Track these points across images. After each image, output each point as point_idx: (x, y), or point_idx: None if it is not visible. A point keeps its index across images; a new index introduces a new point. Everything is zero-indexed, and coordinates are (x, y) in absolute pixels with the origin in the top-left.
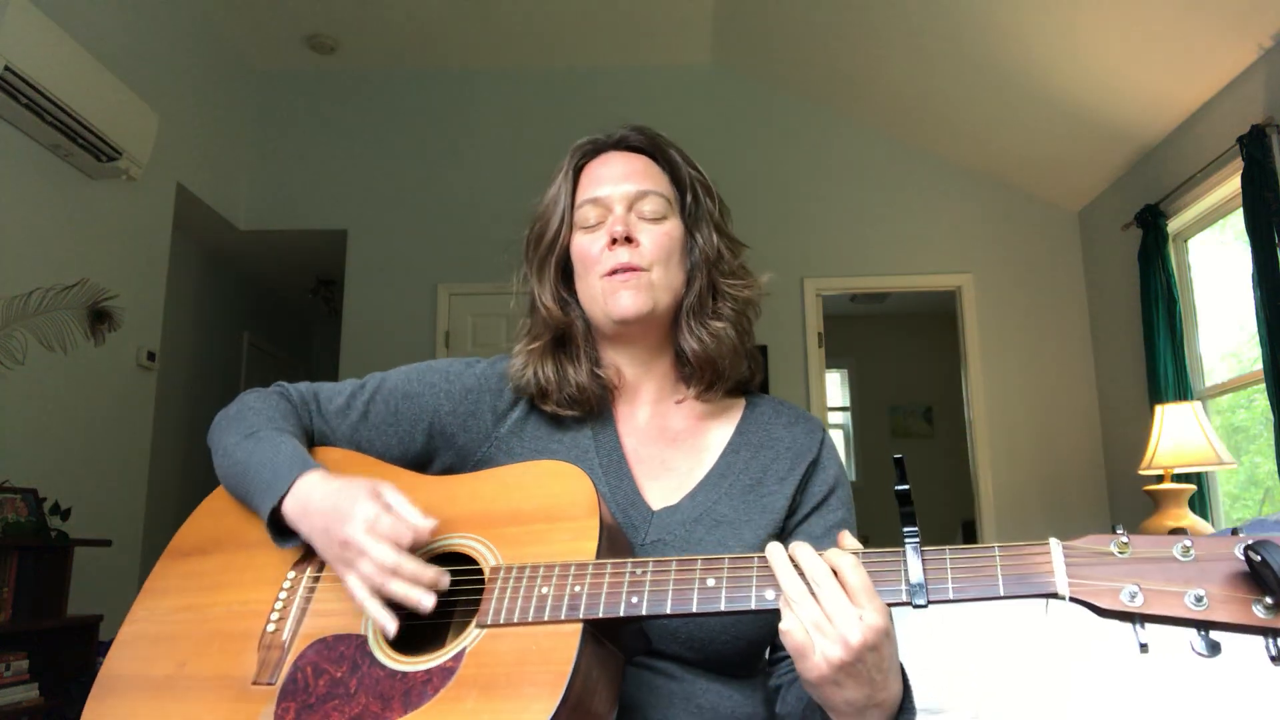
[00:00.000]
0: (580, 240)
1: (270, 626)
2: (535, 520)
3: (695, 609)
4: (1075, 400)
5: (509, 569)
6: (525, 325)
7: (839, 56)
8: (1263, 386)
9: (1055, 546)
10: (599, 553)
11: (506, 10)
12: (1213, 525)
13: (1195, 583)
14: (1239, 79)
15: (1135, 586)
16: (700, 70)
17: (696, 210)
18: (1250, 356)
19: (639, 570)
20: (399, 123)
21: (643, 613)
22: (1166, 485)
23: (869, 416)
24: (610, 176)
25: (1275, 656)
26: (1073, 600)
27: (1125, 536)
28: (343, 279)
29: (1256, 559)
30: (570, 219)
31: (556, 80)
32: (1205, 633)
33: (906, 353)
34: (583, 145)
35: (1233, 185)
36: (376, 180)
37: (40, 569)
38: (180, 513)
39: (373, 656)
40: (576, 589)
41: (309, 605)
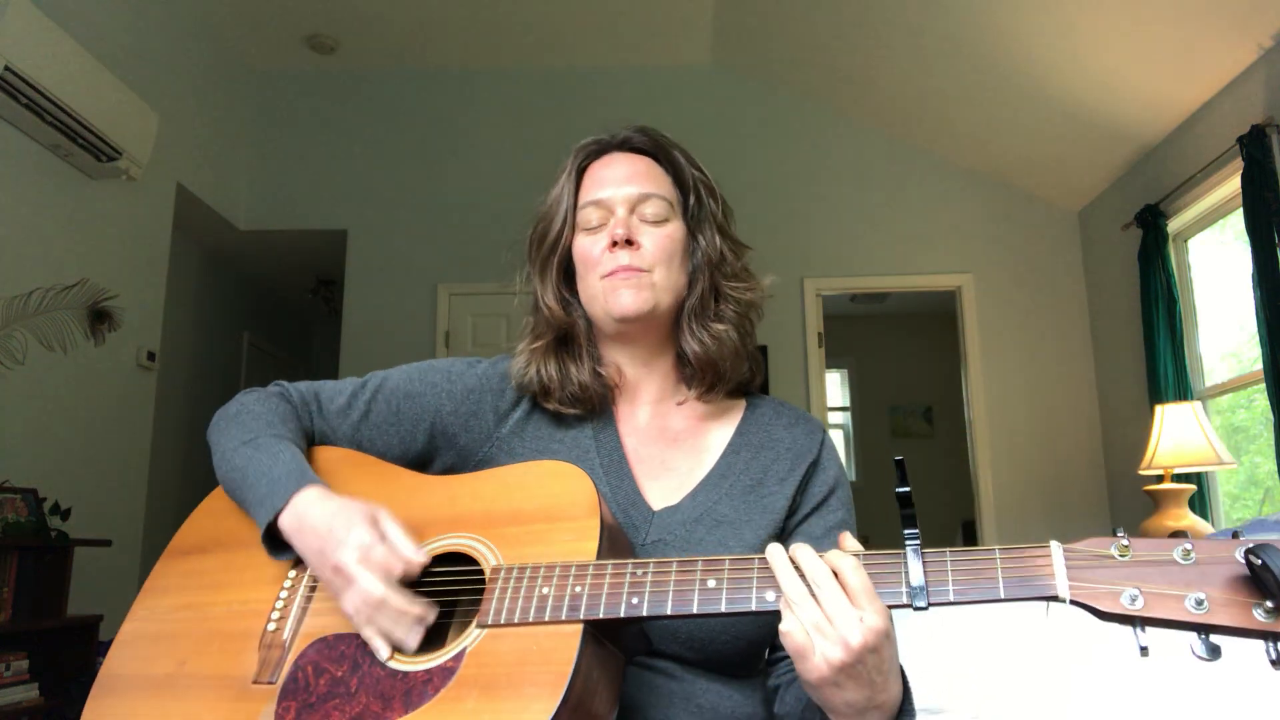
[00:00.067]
0: (582, 241)
1: (271, 625)
2: (536, 520)
3: (696, 610)
4: (1075, 400)
5: (510, 569)
6: (528, 324)
7: (839, 56)
8: (1263, 386)
9: (1056, 549)
10: (600, 553)
11: (506, 10)
12: (1213, 525)
13: (1196, 586)
14: (1239, 79)
15: (1136, 590)
16: (700, 70)
17: (699, 212)
18: (1250, 356)
19: (639, 571)
20: (399, 123)
21: (643, 613)
22: (1166, 485)
23: (869, 416)
24: (613, 178)
25: (1275, 660)
26: (1073, 603)
27: (1126, 539)
28: (343, 279)
29: (1257, 563)
30: (572, 220)
31: (556, 80)
32: (1206, 636)
33: (906, 353)
34: (586, 145)
35: (1233, 185)
36: (376, 180)
37: (40, 569)
38: (180, 513)
39: (373, 656)
40: (577, 589)
41: (309, 604)
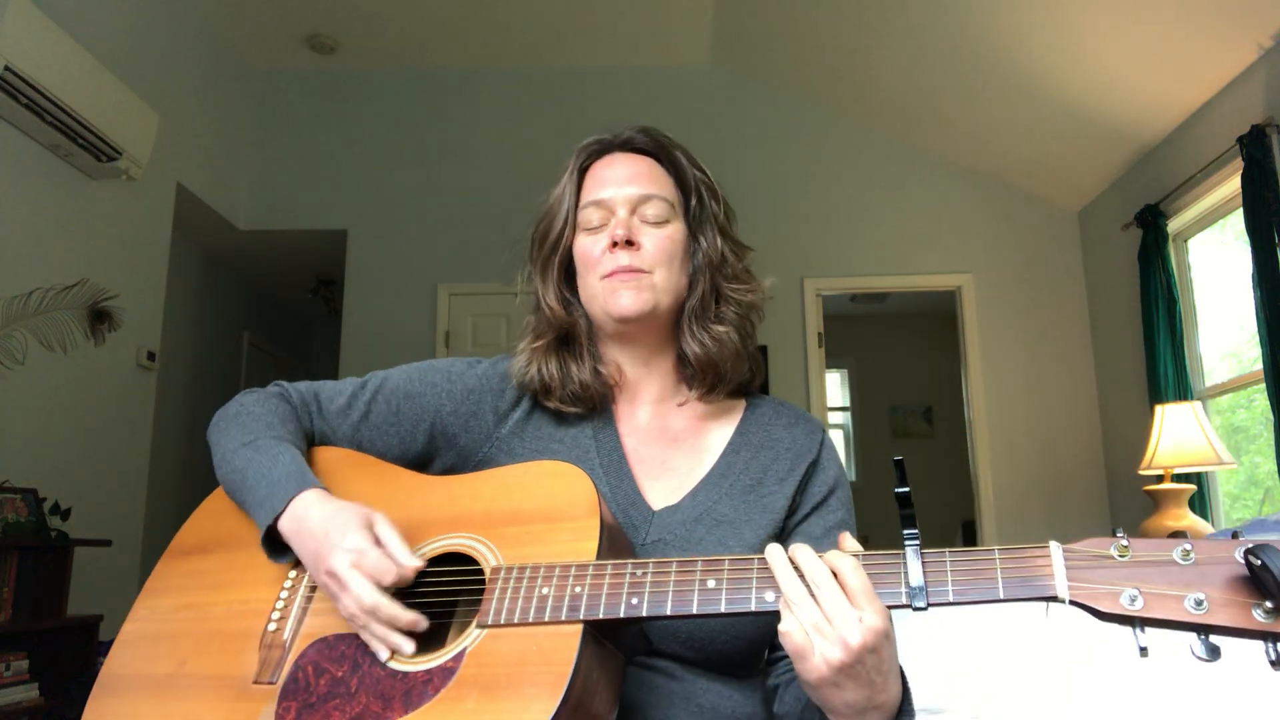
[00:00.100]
0: (582, 241)
1: (271, 626)
2: (536, 520)
3: (695, 610)
4: (1075, 400)
5: (510, 569)
6: (529, 323)
7: (839, 56)
8: (1263, 386)
9: (1055, 550)
10: (599, 553)
11: (506, 10)
12: (1213, 525)
13: (1195, 586)
14: (1239, 79)
15: (1135, 590)
16: (700, 70)
17: (701, 213)
18: (1250, 356)
19: (639, 571)
20: (399, 123)
21: (643, 614)
22: (1166, 485)
23: (869, 416)
24: (614, 179)
25: (1275, 661)
26: (1073, 604)
27: (1125, 539)
28: (343, 279)
29: (1257, 563)
30: (574, 220)
31: (556, 80)
32: (1205, 637)
33: (906, 353)
34: (588, 145)
35: (1233, 185)
36: (376, 180)
37: (40, 569)
38: (180, 513)
39: (373, 656)
40: (577, 589)
41: (310, 605)
